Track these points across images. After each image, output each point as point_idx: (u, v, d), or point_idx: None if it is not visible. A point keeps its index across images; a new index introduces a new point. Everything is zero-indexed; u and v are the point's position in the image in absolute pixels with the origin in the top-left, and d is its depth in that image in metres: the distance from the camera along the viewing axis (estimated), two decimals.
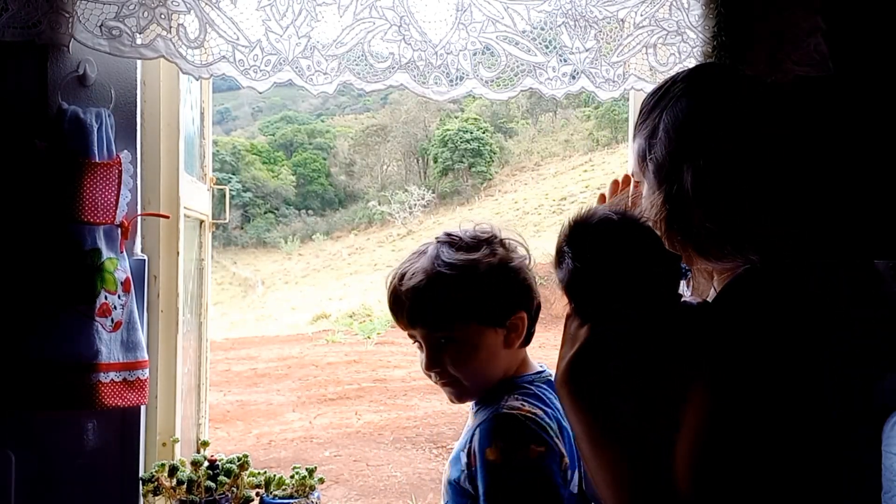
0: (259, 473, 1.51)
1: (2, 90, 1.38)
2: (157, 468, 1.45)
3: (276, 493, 1.50)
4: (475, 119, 31.94)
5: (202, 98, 1.87)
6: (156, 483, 1.43)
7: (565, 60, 1.49)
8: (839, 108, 1.53)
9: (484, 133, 31.43)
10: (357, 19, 1.41)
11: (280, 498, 1.49)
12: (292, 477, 1.51)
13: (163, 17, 1.35)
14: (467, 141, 30.52)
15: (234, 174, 29.36)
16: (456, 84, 1.45)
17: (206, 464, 1.46)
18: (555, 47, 1.49)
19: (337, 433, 7.61)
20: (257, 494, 1.49)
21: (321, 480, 1.53)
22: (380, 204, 29.21)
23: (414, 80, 1.44)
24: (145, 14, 1.34)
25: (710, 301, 1.04)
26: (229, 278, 24.71)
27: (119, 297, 1.39)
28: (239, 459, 1.50)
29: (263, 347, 12.85)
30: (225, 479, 1.45)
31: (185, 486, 1.43)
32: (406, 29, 1.42)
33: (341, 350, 12.51)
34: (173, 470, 1.45)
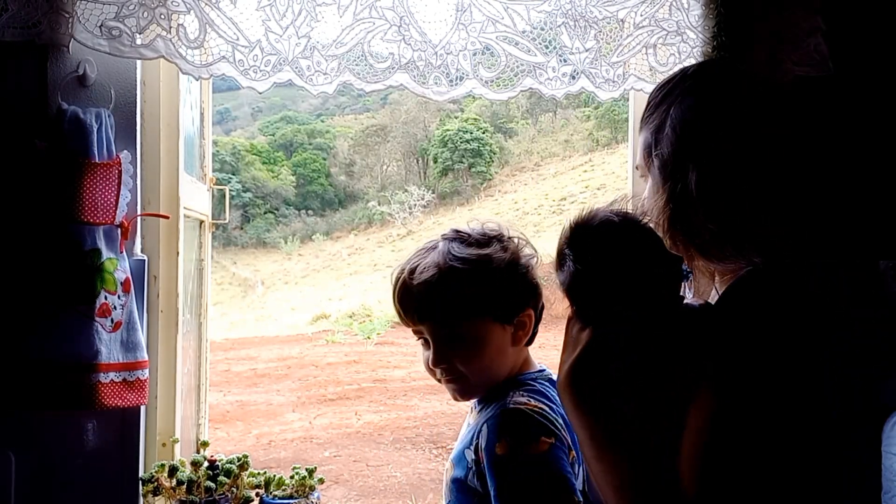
0: (259, 474, 1.51)
1: (2, 90, 1.38)
2: (156, 468, 1.45)
3: (276, 493, 1.50)
4: (475, 119, 31.94)
5: (202, 98, 1.87)
6: (155, 483, 1.43)
7: (565, 60, 1.49)
8: (839, 109, 1.53)
9: (484, 133, 31.42)
10: (357, 19, 1.41)
11: (280, 498, 1.49)
12: (292, 477, 1.51)
13: (163, 17, 1.35)
14: (467, 141, 30.52)
15: (233, 174, 29.35)
16: (456, 84, 1.45)
17: (205, 464, 1.46)
18: (555, 47, 1.49)
19: (337, 433, 7.61)
20: (257, 495, 1.49)
21: (321, 481, 1.53)
22: (380, 204, 29.20)
23: (414, 80, 1.44)
24: (145, 14, 1.34)
25: (712, 303, 1.04)
26: (229, 278, 24.70)
27: (119, 297, 1.39)
28: (239, 460, 1.50)
29: (263, 348, 12.85)
30: (225, 479, 1.45)
31: (184, 486, 1.43)
32: (406, 29, 1.42)
33: (341, 350, 12.51)
34: (173, 470, 1.45)
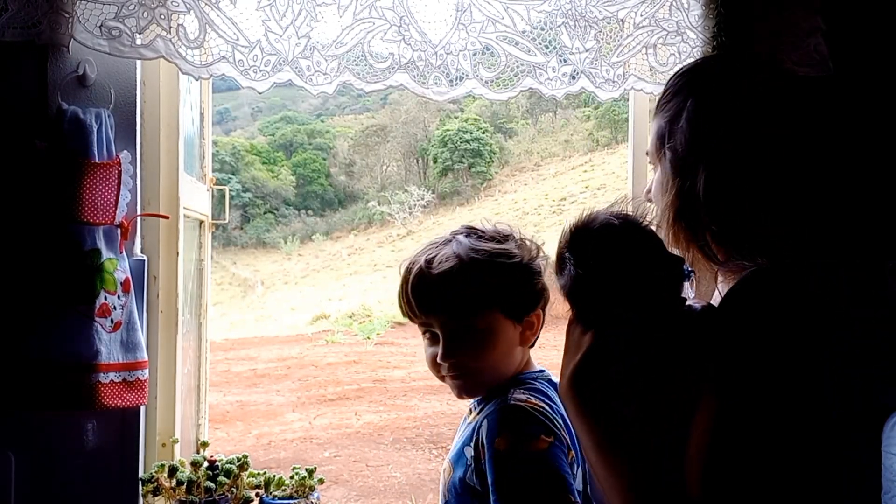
0: (259, 474, 1.51)
1: (2, 90, 1.38)
2: (156, 469, 1.45)
3: (276, 493, 1.50)
4: (475, 119, 31.92)
5: (202, 98, 1.87)
6: (155, 483, 1.43)
7: (565, 61, 1.49)
8: (840, 109, 1.53)
9: (484, 133, 31.40)
10: (357, 19, 1.41)
11: (280, 498, 1.49)
12: (292, 477, 1.51)
13: (162, 17, 1.35)
14: (467, 141, 30.50)
15: (233, 174, 29.33)
16: (456, 84, 1.45)
17: (205, 464, 1.46)
18: (555, 47, 1.49)
19: (336, 434, 7.61)
20: (257, 495, 1.49)
21: (321, 481, 1.53)
22: (379, 204, 29.19)
23: (414, 80, 1.44)
24: (145, 14, 1.34)
25: (714, 304, 1.03)
26: (229, 279, 24.69)
27: (119, 297, 1.39)
28: (238, 460, 1.50)
29: (263, 348, 12.84)
30: (224, 479, 1.45)
31: (184, 486, 1.43)
32: (406, 29, 1.42)
33: (341, 350, 12.50)
34: (173, 470, 1.44)
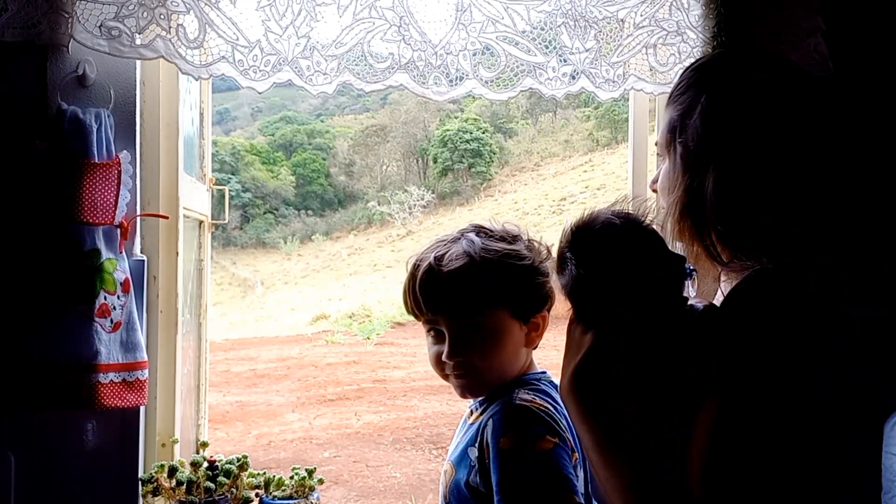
0: (258, 474, 1.51)
1: (2, 90, 1.38)
2: (156, 469, 1.45)
3: (276, 493, 1.50)
4: (475, 119, 31.92)
5: (202, 98, 1.87)
6: (155, 484, 1.43)
7: (565, 61, 1.49)
8: (844, 109, 1.53)
9: (484, 133, 31.40)
10: (357, 19, 1.41)
11: (279, 499, 1.49)
12: (292, 478, 1.51)
13: (162, 17, 1.35)
14: (467, 141, 30.50)
15: (233, 174, 29.32)
16: (456, 84, 1.45)
17: (205, 464, 1.46)
18: (555, 47, 1.49)
19: (336, 434, 7.60)
20: (257, 495, 1.49)
21: (321, 481, 1.53)
22: (379, 204, 29.19)
23: (414, 80, 1.44)
24: (145, 14, 1.34)
25: (716, 304, 1.03)
26: (229, 279, 24.68)
27: (118, 297, 1.39)
28: (238, 460, 1.50)
29: (263, 348, 12.83)
30: (224, 479, 1.45)
31: (184, 486, 1.43)
32: (406, 29, 1.42)
33: (341, 351, 12.49)
34: (173, 471, 1.44)
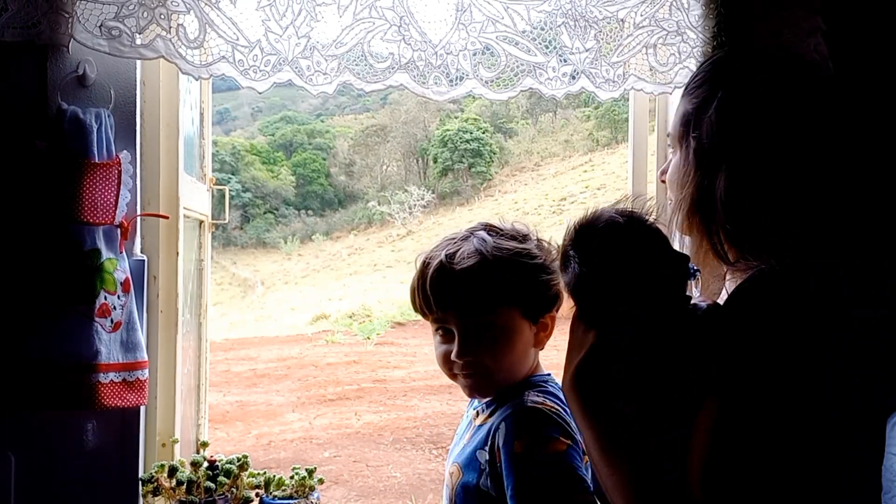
0: (258, 474, 1.51)
1: (2, 90, 1.38)
2: (156, 469, 1.45)
3: (276, 493, 1.50)
4: (475, 119, 31.92)
5: (202, 98, 1.87)
6: (155, 484, 1.43)
7: (565, 60, 1.49)
8: (851, 110, 1.52)
9: (484, 133, 31.41)
10: (357, 19, 1.41)
11: (280, 498, 1.49)
12: (292, 478, 1.51)
13: (162, 17, 1.35)
14: (467, 141, 30.50)
15: (233, 174, 29.33)
16: (456, 84, 1.45)
17: (205, 464, 1.46)
18: (555, 47, 1.49)
19: (336, 434, 7.60)
20: (257, 495, 1.49)
21: (321, 481, 1.53)
22: (379, 204, 29.19)
23: (414, 80, 1.44)
24: (145, 14, 1.34)
25: (720, 303, 1.03)
26: (229, 279, 24.69)
27: (118, 297, 1.39)
28: (238, 460, 1.50)
29: (263, 348, 12.83)
30: (224, 479, 1.45)
31: (184, 486, 1.43)
32: (406, 29, 1.42)
33: (341, 351, 12.49)
34: (173, 470, 1.44)
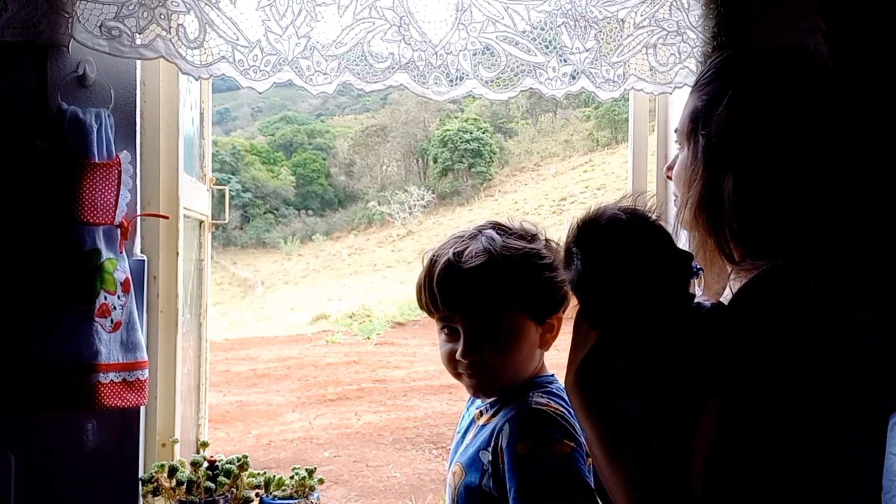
0: (259, 474, 1.51)
1: (2, 90, 1.38)
2: (156, 469, 1.45)
3: (276, 493, 1.50)
4: (475, 119, 31.93)
5: (202, 98, 1.87)
6: (155, 484, 1.43)
7: (565, 60, 1.49)
8: (847, 110, 1.52)
9: (484, 133, 31.41)
10: (357, 19, 1.41)
11: (280, 498, 1.49)
12: (292, 478, 1.51)
13: (162, 17, 1.35)
14: (467, 141, 30.51)
15: (233, 174, 29.33)
16: (456, 84, 1.45)
17: (205, 464, 1.46)
18: (555, 47, 1.49)
19: (336, 434, 7.60)
20: (257, 495, 1.49)
21: (321, 481, 1.53)
22: (379, 204, 29.20)
23: (414, 80, 1.44)
24: (145, 14, 1.34)
25: (724, 303, 1.03)
26: (229, 279, 24.69)
27: (118, 297, 1.39)
28: (238, 460, 1.50)
29: (263, 348, 12.83)
30: (224, 479, 1.45)
31: (184, 486, 1.43)
32: (406, 29, 1.42)
33: (341, 351, 12.49)
34: (173, 470, 1.44)
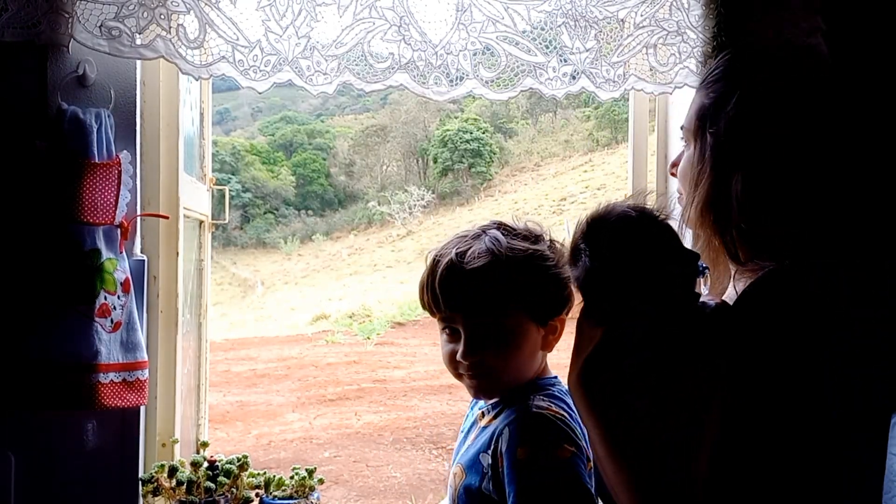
0: (259, 474, 1.51)
1: (2, 90, 1.38)
2: (156, 469, 1.45)
3: (276, 493, 1.50)
4: (475, 119, 31.94)
5: (202, 98, 1.87)
6: (155, 484, 1.43)
7: (565, 60, 1.49)
8: (854, 110, 1.52)
9: (484, 133, 31.42)
10: (357, 19, 1.41)
11: (280, 499, 1.49)
12: (292, 478, 1.51)
13: (162, 17, 1.35)
14: (467, 141, 30.52)
15: (233, 174, 29.34)
16: (456, 84, 1.45)
17: (205, 464, 1.46)
18: (555, 47, 1.49)
19: (336, 434, 7.60)
20: (257, 495, 1.49)
21: (321, 481, 1.53)
22: (379, 204, 29.20)
23: (414, 80, 1.44)
24: (145, 14, 1.34)
25: (729, 303, 1.03)
26: (229, 279, 24.69)
27: (118, 297, 1.39)
28: (238, 460, 1.50)
29: (263, 348, 12.83)
30: (224, 479, 1.45)
31: (184, 486, 1.43)
32: (406, 29, 1.42)
33: (341, 351, 12.49)
34: (173, 470, 1.44)
